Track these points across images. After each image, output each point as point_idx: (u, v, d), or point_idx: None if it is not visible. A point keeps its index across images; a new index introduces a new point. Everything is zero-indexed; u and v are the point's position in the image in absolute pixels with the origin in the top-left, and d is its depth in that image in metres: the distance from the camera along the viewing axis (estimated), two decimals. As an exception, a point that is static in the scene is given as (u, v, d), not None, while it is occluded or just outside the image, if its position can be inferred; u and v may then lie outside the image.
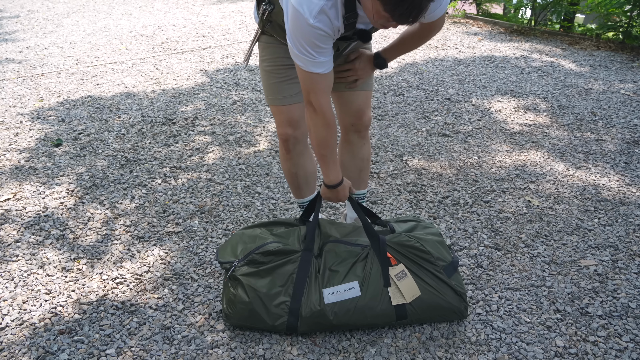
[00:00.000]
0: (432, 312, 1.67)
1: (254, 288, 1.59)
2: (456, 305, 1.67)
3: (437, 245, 1.70)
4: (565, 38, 5.75)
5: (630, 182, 2.68)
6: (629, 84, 4.20)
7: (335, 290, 1.59)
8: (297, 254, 1.64)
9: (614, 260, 2.07)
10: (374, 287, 1.61)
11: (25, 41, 5.36)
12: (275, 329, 1.61)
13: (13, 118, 3.38)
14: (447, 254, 1.71)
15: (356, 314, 1.61)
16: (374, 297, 1.61)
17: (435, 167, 2.82)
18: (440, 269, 1.65)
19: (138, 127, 3.28)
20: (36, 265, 1.99)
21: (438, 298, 1.65)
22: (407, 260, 1.65)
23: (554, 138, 3.21)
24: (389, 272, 1.62)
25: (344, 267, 1.63)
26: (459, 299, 1.67)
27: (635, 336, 1.69)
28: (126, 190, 2.54)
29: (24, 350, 1.60)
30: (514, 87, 4.13)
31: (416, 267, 1.65)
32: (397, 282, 1.61)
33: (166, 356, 1.59)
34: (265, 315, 1.60)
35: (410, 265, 1.65)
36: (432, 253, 1.66)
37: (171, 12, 6.98)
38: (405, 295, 1.62)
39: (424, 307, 1.64)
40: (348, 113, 1.84)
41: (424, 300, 1.64)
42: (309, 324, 1.60)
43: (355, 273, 1.62)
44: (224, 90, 3.98)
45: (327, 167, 1.63)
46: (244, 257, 1.64)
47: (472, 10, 7.71)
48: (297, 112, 1.77)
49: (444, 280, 1.65)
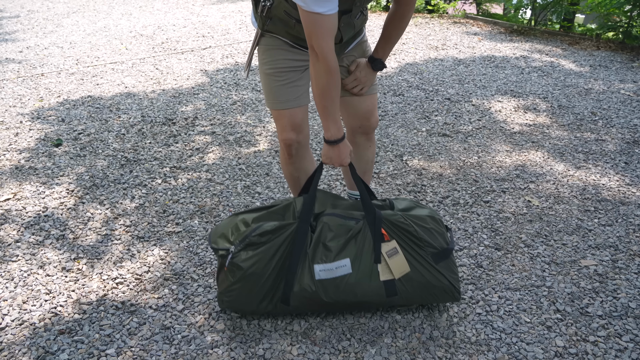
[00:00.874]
0: (423, 291, 1.67)
1: (254, 272, 1.58)
2: (447, 285, 1.67)
3: (430, 231, 1.68)
4: (565, 38, 5.75)
5: (630, 182, 2.68)
6: (629, 84, 4.20)
7: (326, 268, 1.58)
8: (292, 227, 1.60)
9: (614, 260, 2.07)
10: (365, 264, 1.61)
11: (25, 41, 5.36)
12: (269, 306, 1.62)
13: (13, 118, 3.38)
14: (442, 240, 1.69)
15: (346, 291, 1.60)
16: (364, 274, 1.61)
17: (435, 167, 2.82)
18: (428, 255, 1.65)
19: (138, 127, 3.28)
20: (36, 265, 1.99)
21: (428, 277, 1.65)
22: (399, 241, 1.65)
23: (554, 138, 3.21)
24: (381, 248, 1.62)
25: (337, 243, 1.61)
26: (449, 283, 1.68)
27: (635, 336, 1.69)
28: (126, 190, 2.54)
29: (24, 350, 1.60)
30: (514, 87, 4.13)
31: (406, 250, 1.65)
32: (388, 258, 1.61)
33: (166, 356, 1.59)
34: (259, 295, 1.60)
35: (401, 247, 1.65)
36: (424, 238, 1.65)
37: (171, 12, 6.99)
38: (393, 272, 1.61)
39: (414, 285, 1.65)
40: (355, 116, 1.85)
41: (414, 278, 1.64)
42: (300, 299, 1.60)
43: (348, 250, 1.61)
44: (224, 90, 3.98)
45: (328, 119, 1.56)
46: (241, 241, 1.59)
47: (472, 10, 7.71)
48: (299, 115, 1.74)
49: (433, 265, 1.65)
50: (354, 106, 1.83)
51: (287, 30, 1.62)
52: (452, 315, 1.78)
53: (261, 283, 1.59)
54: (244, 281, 1.59)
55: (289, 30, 1.62)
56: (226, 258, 1.61)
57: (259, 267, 1.58)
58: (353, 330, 1.70)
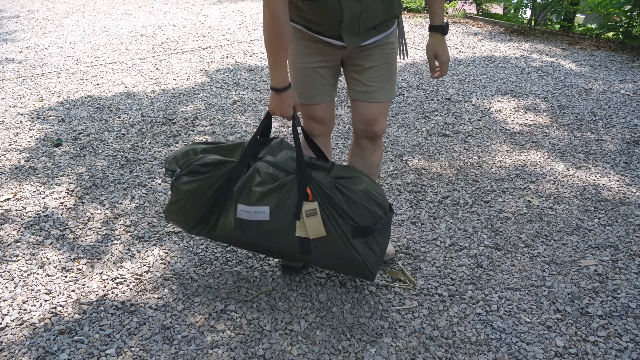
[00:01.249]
0: (336, 260, 1.66)
1: (191, 195, 1.69)
2: (359, 261, 1.65)
3: (356, 204, 1.64)
4: (565, 38, 5.75)
5: (630, 182, 2.68)
6: (629, 84, 4.20)
7: (247, 209, 1.63)
8: (231, 164, 1.68)
9: (614, 260, 2.07)
10: (284, 216, 1.62)
11: (25, 41, 5.36)
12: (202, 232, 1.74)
13: (13, 118, 3.38)
14: (368, 217, 1.66)
15: (262, 236, 1.65)
16: (282, 225, 1.63)
17: (435, 167, 2.82)
18: (348, 227, 1.63)
19: (138, 127, 3.28)
20: (36, 265, 1.99)
21: (342, 247, 1.63)
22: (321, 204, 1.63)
23: (554, 138, 3.21)
24: (303, 206, 1.62)
25: (261, 189, 1.63)
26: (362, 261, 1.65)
27: (635, 336, 1.69)
28: (126, 190, 2.54)
29: (24, 350, 1.60)
30: (514, 87, 4.13)
31: (326, 215, 1.63)
32: (306, 218, 1.61)
33: (166, 356, 1.59)
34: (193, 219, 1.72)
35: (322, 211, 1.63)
36: (344, 209, 1.62)
37: (171, 12, 6.99)
38: (309, 232, 1.61)
39: (328, 250, 1.64)
40: (360, 121, 1.84)
41: (328, 243, 1.63)
42: (223, 231, 1.69)
43: (270, 199, 1.63)
44: (224, 90, 3.98)
45: (273, 67, 1.59)
46: (185, 167, 1.72)
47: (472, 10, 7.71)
48: (320, 111, 1.82)
49: (348, 238, 1.63)
50: (360, 111, 1.83)
51: (298, 12, 1.64)
52: (452, 315, 1.78)
53: (196, 208, 1.70)
54: (182, 202, 1.72)
55: (299, 12, 1.63)
56: (173, 177, 1.74)
57: (195, 194, 1.69)
58: (353, 330, 1.70)
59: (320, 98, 1.79)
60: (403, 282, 1.93)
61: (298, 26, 1.71)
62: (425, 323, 1.73)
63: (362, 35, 1.66)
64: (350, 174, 1.70)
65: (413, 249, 2.13)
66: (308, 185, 1.63)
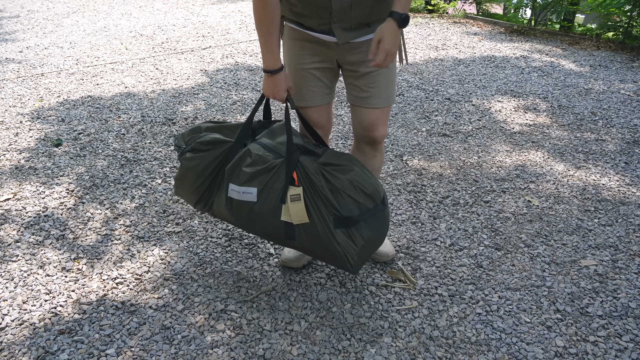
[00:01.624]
0: (318, 248, 1.63)
1: (191, 171, 1.76)
2: (339, 253, 1.61)
3: (341, 193, 1.61)
4: (565, 38, 5.75)
5: (630, 182, 2.69)
6: (629, 84, 4.20)
7: (236, 189, 1.65)
8: (228, 144, 1.73)
9: (614, 260, 2.07)
10: (270, 199, 1.63)
11: (25, 41, 5.36)
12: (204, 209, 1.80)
13: (13, 118, 3.38)
14: (353, 207, 1.61)
15: (250, 217, 1.67)
16: (269, 207, 1.63)
17: (435, 167, 2.82)
18: (330, 216, 1.59)
19: (138, 127, 3.28)
20: (36, 265, 1.99)
21: (323, 236, 1.60)
22: (306, 190, 1.61)
23: (554, 138, 3.21)
24: (288, 190, 1.61)
25: (251, 170, 1.64)
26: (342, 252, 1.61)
27: (635, 336, 1.69)
28: (126, 190, 2.54)
29: (24, 350, 1.60)
30: (514, 87, 4.13)
31: (310, 202, 1.60)
32: (290, 203, 1.60)
33: (166, 356, 1.59)
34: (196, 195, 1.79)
35: (306, 197, 1.61)
36: (327, 197, 1.59)
37: (171, 12, 6.99)
38: (292, 217, 1.60)
39: (311, 238, 1.62)
40: (360, 126, 1.83)
41: (311, 231, 1.61)
42: (218, 208, 1.74)
43: (258, 180, 1.64)
44: (224, 90, 3.98)
45: (264, 49, 1.60)
46: (189, 144, 1.80)
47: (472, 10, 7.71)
48: (315, 114, 1.81)
49: (329, 227, 1.59)
50: (359, 117, 1.81)
51: (289, 7, 1.63)
52: (452, 315, 1.78)
53: (198, 184, 1.76)
54: (186, 178, 1.79)
55: (290, 6, 1.63)
56: (178, 156, 1.82)
57: (196, 170, 1.75)
58: (353, 330, 1.70)
59: (315, 100, 1.77)
60: (403, 282, 1.93)
61: (290, 24, 1.70)
62: (425, 323, 1.73)
63: (354, 31, 1.62)
64: (340, 161, 1.66)
65: (413, 249, 2.13)
66: (294, 170, 1.62)
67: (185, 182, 1.80)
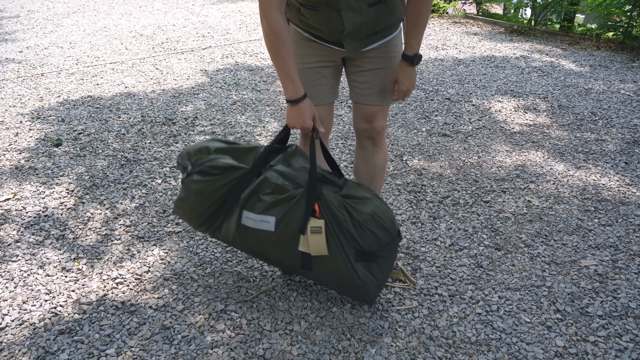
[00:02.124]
0: (335, 279, 1.63)
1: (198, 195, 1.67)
2: (360, 286, 1.62)
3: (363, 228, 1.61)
4: (565, 38, 5.75)
5: (630, 182, 2.69)
6: (629, 84, 4.20)
7: (252, 217, 1.61)
8: (242, 171, 1.65)
9: (614, 260, 2.07)
10: (289, 229, 1.60)
11: (25, 41, 5.36)
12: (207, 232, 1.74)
13: (13, 118, 3.38)
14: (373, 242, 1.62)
15: (264, 245, 1.64)
16: (285, 238, 1.61)
17: (435, 167, 2.82)
18: (351, 249, 1.59)
19: (138, 127, 3.28)
20: (36, 265, 1.99)
21: (343, 269, 1.60)
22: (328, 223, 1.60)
23: (554, 138, 3.21)
24: (309, 222, 1.59)
25: (270, 199, 1.61)
26: (362, 285, 1.62)
27: (635, 336, 1.69)
28: (126, 190, 2.54)
29: (24, 350, 1.60)
30: (514, 87, 4.13)
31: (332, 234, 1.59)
32: (310, 234, 1.58)
33: (166, 356, 1.59)
34: (199, 219, 1.72)
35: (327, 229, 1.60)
36: (350, 231, 1.59)
37: (171, 12, 6.99)
38: (311, 248, 1.59)
39: (329, 269, 1.61)
40: (360, 118, 1.84)
41: (330, 263, 1.60)
42: (226, 235, 1.69)
43: (277, 209, 1.60)
44: (224, 90, 3.98)
45: (284, 78, 1.56)
46: (197, 165, 1.69)
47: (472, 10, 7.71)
48: (319, 113, 1.79)
49: (350, 260, 1.60)
50: (359, 110, 1.84)
51: (299, 17, 1.64)
52: (452, 315, 1.78)
53: (203, 208, 1.69)
54: (189, 200, 1.70)
55: (300, 17, 1.64)
56: (184, 174, 1.73)
57: (203, 194, 1.67)
58: (353, 330, 1.70)
59: (320, 99, 1.78)
60: (403, 282, 1.93)
61: (299, 29, 1.71)
62: (425, 323, 1.73)
63: (363, 41, 1.66)
64: (360, 194, 1.66)
65: (413, 249, 2.13)
66: (317, 202, 1.59)
67: (189, 205, 1.71)
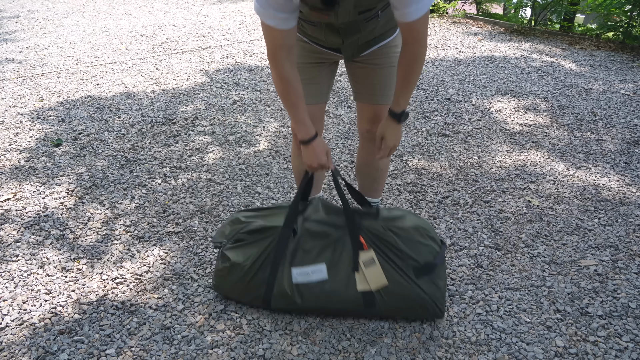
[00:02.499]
0: (402, 304, 1.63)
1: (238, 263, 1.68)
2: (428, 301, 1.63)
3: (414, 242, 1.63)
4: (565, 38, 5.75)
5: (630, 182, 2.69)
6: (629, 84, 4.20)
7: (303, 271, 1.59)
8: (277, 229, 1.66)
9: (614, 260, 2.07)
10: (342, 271, 1.60)
11: (25, 41, 5.36)
12: (252, 302, 1.72)
13: (13, 118, 3.38)
14: (427, 253, 1.64)
15: (323, 297, 1.62)
16: (341, 282, 1.60)
17: (435, 167, 2.82)
18: (409, 268, 1.61)
19: (138, 127, 3.28)
20: (36, 265, 1.99)
21: (407, 290, 1.60)
22: (378, 251, 1.62)
23: (554, 138, 3.21)
24: (359, 256, 1.59)
25: (315, 248, 1.62)
26: (429, 300, 1.63)
27: (635, 336, 1.69)
28: (126, 190, 2.54)
29: (24, 350, 1.60)
30: (514, 87, 4.13)
31: (385, 261, 1.61)
32: (365, 268, 1.57)
33: (166, 356, 1.59)
34: (244, 289, 1.70)
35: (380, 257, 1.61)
36: (404, 250, 1.61)
37: (171, 12, 6.99)
38: (370, 283, 1.58)
39: (393, 297, 1.62)
40: (364, 119, 1.84)
41: (393, 290, 1.61)
42: (279, 302, 1.66)
43: (325, 255, 1.61)
44: (224, 90, 3.98)
45: (294, 121, 1.60)
46: (232, 236, 1.72)
47: (472, 10, 7.71)
48: (312, 112, 1.78)
49: (412, 279, 1.61)
50: (364, 111, 1.83)
51: (300, 27, 1.65)
52: (452, 315, 1.78)
53: (243, 274, 1.68)
54: (229, 270, 1.70)
55: (301, 27, 1.64)
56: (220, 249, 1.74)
57: (243, 260, 1.67)
58: (353, 330, 1.70)
59: (313, 98, 1.77)
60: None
61: (298, 34, 1.71)
62: (425, 323, 1.73)
63: (361, 47, 1.67)
64: (395, 213, 1.69)
65: (413, 249, 2.13)
66: (360, 234, 1.60)
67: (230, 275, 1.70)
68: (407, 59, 1.52)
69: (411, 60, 1.51)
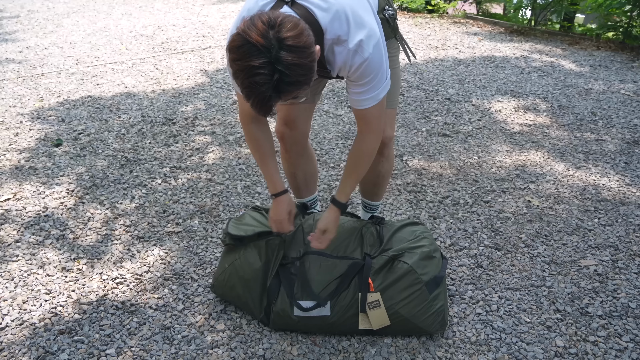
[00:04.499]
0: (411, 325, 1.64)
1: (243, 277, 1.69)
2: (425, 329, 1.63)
3: (423, 260, 1.64)
4: (565, 38, 5.75)
5: (630, 182, 2.68)
6: (629, 84, 4.20)
7: (306, 306, 1.60)
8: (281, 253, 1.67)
9: (614, 260, 2.07)
10: (345, 308, 1.61)
11: (25, 41, 5.36)
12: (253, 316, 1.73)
13: (13, 118, 3.38)
14: (435, 266, 1.65)
15: (323, 328, 1.65)
16: (342, 317, 1.61)
17: (435, 167, 2.82)
18: (423, 286, 1.60)
19: (138, 127, 3.28)
20: (36, 265, 1.99)
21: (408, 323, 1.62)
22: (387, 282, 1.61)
23: (554, 138, 3.21)
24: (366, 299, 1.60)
25: (321, 283, 1.62)
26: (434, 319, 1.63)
27: (635, 336, 1.69)
28: (126, 190, 2.54)
29: (24, 350, 1.60)
30: (514, 87, 4.13)
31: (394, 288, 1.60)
32: (369, 310, 1.59)
33: (166, 356, 1.59)
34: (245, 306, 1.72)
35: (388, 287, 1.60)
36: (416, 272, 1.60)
37: (171, 12, 6.98)
38: (372, 323, 1.60)
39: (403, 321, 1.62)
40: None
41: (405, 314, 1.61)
42: (279, 324, 1.66)
43: (330, 292, 1.61)
44: (224, 90, 3.99)
45: (264, 175, 1.64)
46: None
47: (472, 10, 7.71)
48: (293, 112, 1.76)
49: (426, 299, 1.60)
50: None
51: None
52: (452, 315, 1.78)
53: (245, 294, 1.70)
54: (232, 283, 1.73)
55: None
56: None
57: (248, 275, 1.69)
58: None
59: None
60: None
61: None
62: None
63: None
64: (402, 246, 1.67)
65: (413, 249, 2.13)
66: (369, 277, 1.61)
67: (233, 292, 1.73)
68: (357, 148, 1.52)
69: (361, 150, 1.51)
